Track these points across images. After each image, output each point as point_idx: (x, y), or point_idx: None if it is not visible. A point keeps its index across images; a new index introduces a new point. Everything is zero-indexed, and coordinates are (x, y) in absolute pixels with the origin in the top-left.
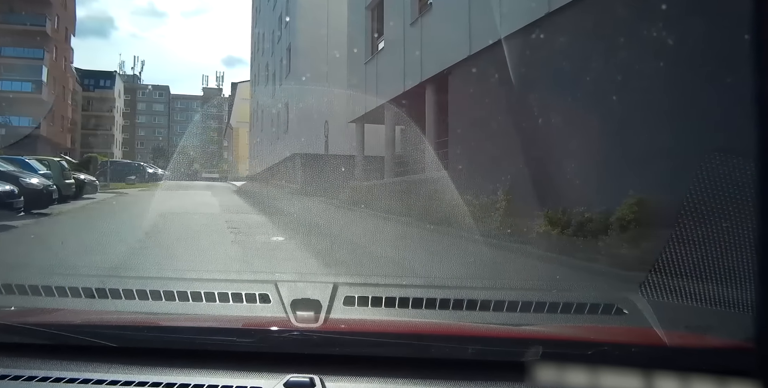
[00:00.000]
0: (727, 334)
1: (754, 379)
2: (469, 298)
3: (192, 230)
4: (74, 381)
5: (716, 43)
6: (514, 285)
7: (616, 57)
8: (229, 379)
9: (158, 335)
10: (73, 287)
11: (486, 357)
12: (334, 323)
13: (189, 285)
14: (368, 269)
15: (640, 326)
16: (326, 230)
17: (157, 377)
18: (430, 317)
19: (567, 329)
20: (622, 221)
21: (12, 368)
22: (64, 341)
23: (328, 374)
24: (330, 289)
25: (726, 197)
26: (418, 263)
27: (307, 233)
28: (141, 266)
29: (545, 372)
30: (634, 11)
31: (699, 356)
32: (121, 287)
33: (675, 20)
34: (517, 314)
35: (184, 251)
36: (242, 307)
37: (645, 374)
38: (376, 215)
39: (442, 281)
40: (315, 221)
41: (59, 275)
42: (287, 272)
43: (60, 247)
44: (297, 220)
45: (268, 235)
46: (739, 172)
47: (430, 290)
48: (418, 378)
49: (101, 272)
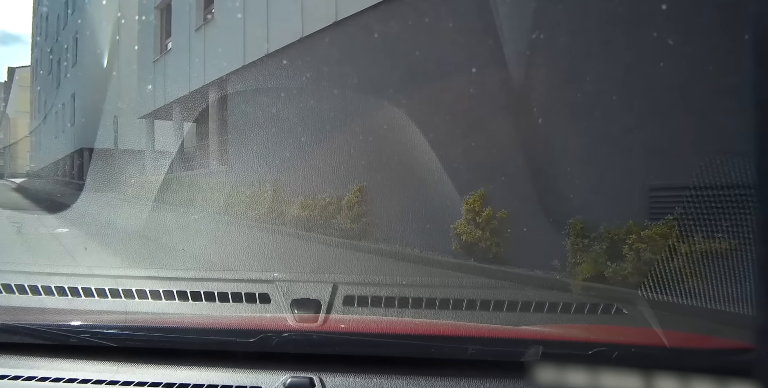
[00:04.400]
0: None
1: (754, 379)
2: (468, 298)
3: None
4: (74, 381)
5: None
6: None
7: (380, 67)
8: (229, 379)
9: (158, 335)
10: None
11: (486, 357)
12: (333, 322)
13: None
14: (146, 253)
15: (640, 326)
16: (110, 223)
17: (157, 377)
18: (430, 317)
19: (567, 329)
20: (349, 203)
21: (12, 368)
22: (64, 341)
23: (327, 374)
24: (330, 289)
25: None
26: (197, 247)
27: (90, 224)
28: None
29: (545, 372)
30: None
31: (699, 356)
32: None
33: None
34: (517, 314)
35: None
36: (242, 307)
37: (645, 374)
38: (162, 207)
39: (382, 277)
40: (100, 214)
41: (59, 275)
42: (68, 259)
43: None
44: (82, 214)
45: (52, 228)
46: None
47: (430, 290)
48: (418, 378)
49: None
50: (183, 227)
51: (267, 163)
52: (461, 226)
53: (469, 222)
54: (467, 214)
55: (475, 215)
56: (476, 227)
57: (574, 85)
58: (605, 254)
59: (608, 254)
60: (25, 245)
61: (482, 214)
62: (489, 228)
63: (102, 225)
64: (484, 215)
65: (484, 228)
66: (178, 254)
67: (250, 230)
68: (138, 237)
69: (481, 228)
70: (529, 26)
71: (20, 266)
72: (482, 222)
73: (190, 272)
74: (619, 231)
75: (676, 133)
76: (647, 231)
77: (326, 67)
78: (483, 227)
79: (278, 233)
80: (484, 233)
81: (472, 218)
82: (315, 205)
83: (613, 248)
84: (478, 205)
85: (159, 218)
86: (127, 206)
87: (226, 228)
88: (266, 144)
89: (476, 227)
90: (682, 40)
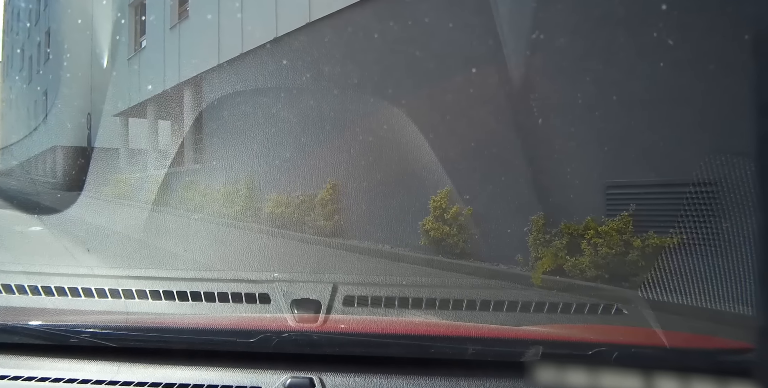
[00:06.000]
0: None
1: (754, 379)
2: (468, 298)
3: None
4: (74, 381)
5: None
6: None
7: (351, 67)
8: (229, 379)
9: (158, 335)
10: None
11: (486, 357)
12: (333, 322)
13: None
14: (117, 250)
15: (640, 326)
16: (84, 221)
17: (157, 377)
18: (430, 317)
19: (567, 329)
20: (322, 201)
21: (12, 368)
22: (64, 341)
23: (327, 374)
24: (330, 289)
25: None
26: (170, 245)
27: (65, 223)
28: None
29: (545, 372)
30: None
31: (699, 356)
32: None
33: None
34: (517, 314)
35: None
36: (242, 307)
37: (645, 374)
38: (136, 205)
39: (355, 276)
40: (74, 213)
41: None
42: (42, 255)
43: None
44: (55, 212)
45: (26, 226)
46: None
47: (430, 290)
48: (418, 378)
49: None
50: (157, 224)
51: (242, 161)
52: (429, 223)
53: (437, 219)
54: (434, 211)
55: (442, 212)
56: (443, 223)
57: (539, 87)
58: (565, 248)
59: (568, 248)
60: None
61: (449, 211)
62: (456, 225)
63: (76, 223)
64: (451, 212)
65: (451, 225)
66: (150, 251)
67: (223, 227)
68: (112, 234)
69: (448, 225)
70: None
71: (20, 265)
72: (449, 219)
73: (190, 272)
74: (578, 227)
75: (632, 132)
76: (604, 227)
77: (300, 66)
78: (450, 223)
79: (252, 231)
80: (451, 229)
81: (439, 215)
82: (289, 202)
83: (572, 242)
84: (444, 202)
85: (132, 216)
86: (101, 205)
87: (199, 226)
88: (241, 142)
89: (444, 224)
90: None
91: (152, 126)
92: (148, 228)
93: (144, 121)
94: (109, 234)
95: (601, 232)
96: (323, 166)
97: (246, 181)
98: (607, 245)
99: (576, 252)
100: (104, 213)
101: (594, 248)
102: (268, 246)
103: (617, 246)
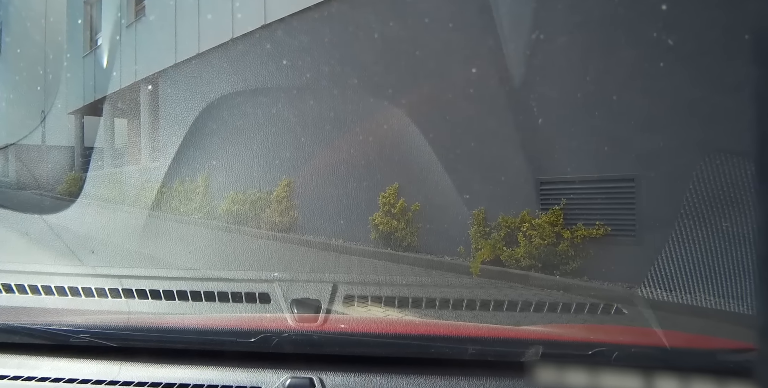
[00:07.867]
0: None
1: (754, 379)
2: (468, 298)
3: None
4: (74, 381)
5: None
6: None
7: (305, 69)
8: (229, 379)
9: (158, 335)
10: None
11: (486, 357)
12: (333, 322)
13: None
14: (64, 245)
15: (640, 326)
16: (37, 220)
17: (157, 377)
18: (430, 317)
19: (567, 329)
20: (278, 197)
21: (12, 368)
22: (64, 341)
23: (327, 374)
24: (330, 288)
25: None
26: (128, 243)
27: (18, 222)
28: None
29: (545, 372)
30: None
31: (699, 356)
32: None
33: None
34: (517, 313)
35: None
36: (242, 307)
37: (645, 374)
38: (92, 203)
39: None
40: (29, 211)
41: (59, 275)
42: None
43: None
44: (6, 210)
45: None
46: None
47: (430, 290)
48: (418, 378)
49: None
50: (113, 222)
51: (198, 159)
52: (378, 217)
53: (386, 214)
54: (383, 206)
55: (391, 207)
56: (392, 218)
57: (476, 86)
58: (503, 240)
59: (505, 240)
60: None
61: (396, 206)
62: (404, 219)
63: (29, 222)
64: (398, 207)
65: (399, 219)
66: (105, 248)
67: (180, 224)
68: (65, 232)
69: (397, 219)
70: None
71: (20, 265)
72: (397, 213)
73: (190, 271)
74: (514, 220)
75: (564, 130)
76: (537, 220)
77: (256, 67)
78: (398, 218)
79: (209, 227)
80: (399, 223)
81: (388, 210)
82: (245, 199)
83: (509, 235)
84: (393, 198)
85: (87, 214)
86: (56, 203)
87: (155, 223)
88: (197, 140)
89: (392, 218)
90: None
91: (108, 124)
92: (101, 226)
93: (100, 119)
94: (61, 231)
95: (535, 224)
96: (278, 164)
97: (203, 179)
98: (540, 236)
99: (513, 244)
100: (57, 211)
101: (528, 239)
102: (224, 242)
103: (549, 237)
